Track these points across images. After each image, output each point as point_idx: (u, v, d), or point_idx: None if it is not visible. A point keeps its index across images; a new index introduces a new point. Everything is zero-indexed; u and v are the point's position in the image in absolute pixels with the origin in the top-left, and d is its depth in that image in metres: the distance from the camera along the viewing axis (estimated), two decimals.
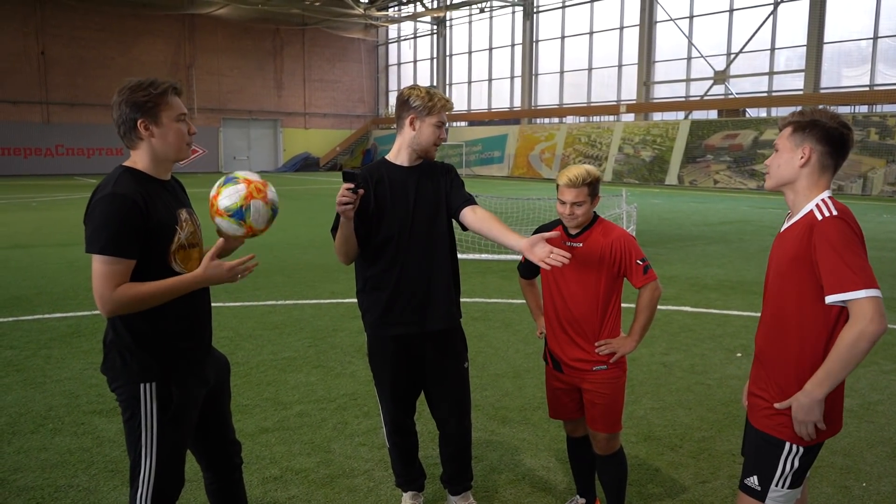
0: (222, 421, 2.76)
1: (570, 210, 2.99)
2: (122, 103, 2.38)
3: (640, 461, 3.97)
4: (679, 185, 31.48)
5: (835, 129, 2.27)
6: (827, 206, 2.22)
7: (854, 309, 2.11)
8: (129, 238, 2.31)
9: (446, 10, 42.34)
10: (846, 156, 2.31)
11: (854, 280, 2.09)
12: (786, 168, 2.32)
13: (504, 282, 9.06)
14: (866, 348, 2.10)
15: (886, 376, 5.44)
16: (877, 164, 26.16)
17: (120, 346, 2.42)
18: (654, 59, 34.91)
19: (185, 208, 2.54)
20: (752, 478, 2.38)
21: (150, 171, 2.45)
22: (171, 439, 2.47)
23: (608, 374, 3.06)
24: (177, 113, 2.45)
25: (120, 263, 2.31)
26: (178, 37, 42.86)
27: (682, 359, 5.87)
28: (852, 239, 2.15)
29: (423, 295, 3.08)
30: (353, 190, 2.85)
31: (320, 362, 5.73)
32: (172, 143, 2.45)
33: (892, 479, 3.78)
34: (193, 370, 2.55)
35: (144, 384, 2.41)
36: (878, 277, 8.75)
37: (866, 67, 28.21)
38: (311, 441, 4.22)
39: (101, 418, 4.53)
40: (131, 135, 2.42)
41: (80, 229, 2.54)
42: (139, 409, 2.41)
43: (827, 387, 2.17)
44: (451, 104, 3.05)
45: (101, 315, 2.38)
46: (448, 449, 3.28)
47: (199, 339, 2.59)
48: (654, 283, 3.03)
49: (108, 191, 2.33)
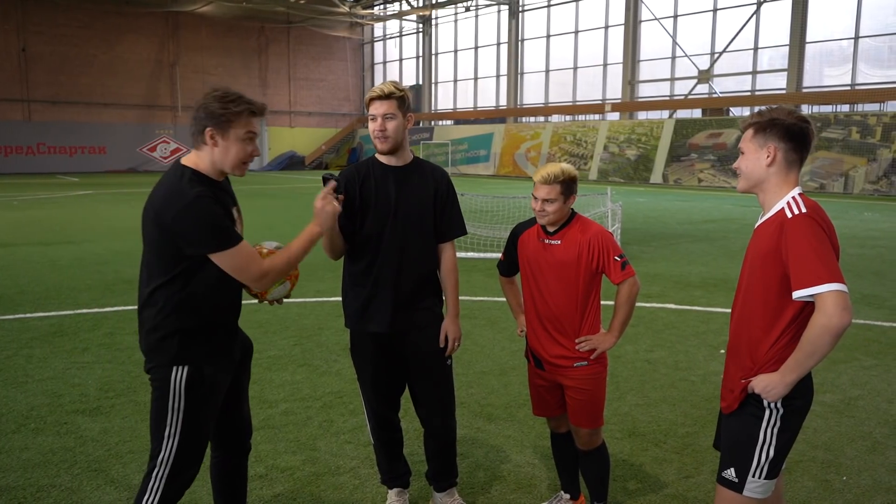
0: (239, 400, 2.85)
1: (540, 206, 3.02)
2: (201, 107, 2.51)
3: (625, 457, 4.00)
4: (664, 183, 31.67)
5: (794, 125, 2.35)
6: (797, 204, 2.29)
7: (819, 303, 2.17)
8: (230, 226, 2.50)
9: (432, 8, 42.32)
10: (809, 148, 2.39)
11: (819, 275, 2.16)
12: (754, 168, 2.39)
13: (489, 280, 9.08)
14: (831, 341, 2.16)
15: (867, 371, 5.51)
16: (858, 163, 26.44)
17: (160, 330, 2.53)
18: (639, 58, 35.08)
19: (235, 207, 2.68)
20: (730, 470, 2.43)
21: (209, 173, 2.57)
22: (195, 423, 2.56)
23: (589, 370, 3.08)
24: (246, 131, 2.55)
25: (242, 248, 2.48)
26: (162, 34, 42.53)
27: (667, 356, 5.91)
28: (820, 236, 2.22)
29: (400, 294, 3.09)
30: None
31: (305, 361, 5.72)
32: (231, 158, 2.56)
33: (871, 472, 3.83)
34: (224, 354, 2.66)
35: (177, 367, 2.52)
36: (860, 274, 8.87)
37: (848, 67, 28.50)
38: (297, 439, 4.21)
39: (84, 418, 4.50)
40: (198, 137, 2.54)
41: (62, 228, 2.56)
42: (168, 391, 2.52)
43: (796, 375, 2.26)
44: (380, 94, 2.98)
45: (258, 289, 2.66)
46: (433, 445, 3.29)
47: (232, 322, 2.71)
48: (633, 279, 3.05)
49: (191, 197, 2.43)
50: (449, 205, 3.19)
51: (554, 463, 3.50)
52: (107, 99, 41.16)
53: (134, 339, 6.26)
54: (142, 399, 4.80)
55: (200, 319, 2.55)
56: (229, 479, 2.91)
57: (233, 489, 2.93)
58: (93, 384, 5.11)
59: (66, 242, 12.31)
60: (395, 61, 49.38)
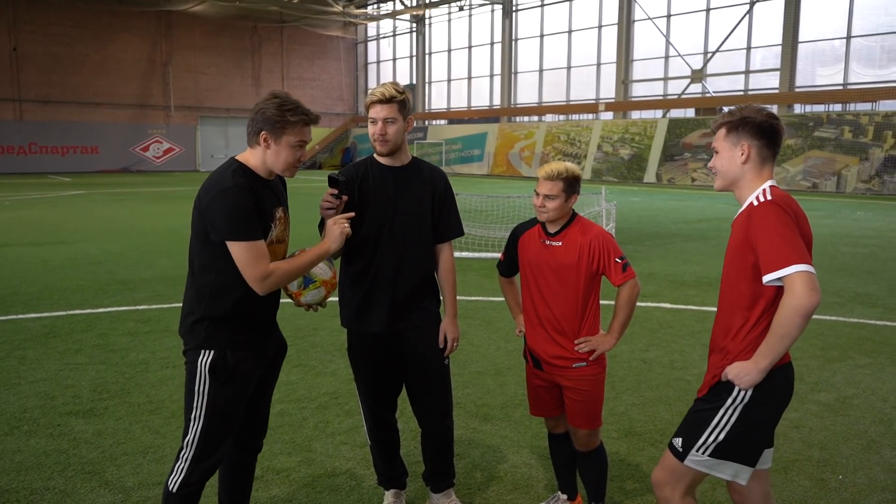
0: (263, 397, 2.90)
1: (541, 202, 3.02)
2: (260, 110, 2.61)
3: (621, 457, 4.00)
4: (657, 182, 31.74)
5: (765, 122, 2.40)
6: (764, 194, 2.36)
7: (788, 284, 2.20)
8: (254, 222, 2.54)
9: (425, 7, 42.29)
10: (780, 143, 2.45)
11: (786, 256, 2.19)
12: (730, 167, 2.44)
13: (484, 279, 9.07)
14: (801, 322, 2.19)
15: (861, 370, 5.52)
16: (850, 162, 26.56)
17: (194, 315, 2.64)
18: (633, 57, 35.15)
19: (281, 206, 2.74)
20: (678, 439, 2.49)
21: (258, 170, 2.66)
22: (220, 409, 2.62)
23: (588, 371, 3.07)
24: (298, 139, 2.63)
25: (256, 245, 2.52)
26: (155, 34, 42.38)
27: (662, 355, 5.92)
28: (785, 220, 2.25)
29: (397, 294, 3.08)
30: (337, 195, 2.86)
31: (301, 361, 5.70)
32: (282, 162, 2.64)
33: (867, 471, 3.83)
34: (254, 345, 2.70)
35: (204, 351, 2.61)
36: (853, 273, 8.89)
37: (840, 66, 28.63)
38: (292, 440, 4.19)
39: (78, 419, 4.46)
40: (253, 138, 2.64)
41: (53, 228, 2.56)
42: (195, 375, 2.62)
43: (770, 359, 2.28)
44: (380, 97, 2.95)
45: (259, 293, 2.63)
46: (430, 446, 3.27)
47: (264, 316, 2.74)
48: (633, 281, 3.05)
49: (229, 184, 2.53)
50: (447, 205, 3.19)
51: (551, 463, 3.50)
52: (99, 98, 40.99)
53: (127, 340, 6.24)
54: (135, 400, 4.77)
55: (232, 309, 2.62)
56: (237, 476, 2.94)
57: (239, 487, 2.96)
58: (86, 385, 5.08)
59: (59, 243, 12.24)
60: (388, 61, 49.34)
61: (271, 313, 2.80)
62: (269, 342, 2.80)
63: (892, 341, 6.33)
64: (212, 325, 2.62)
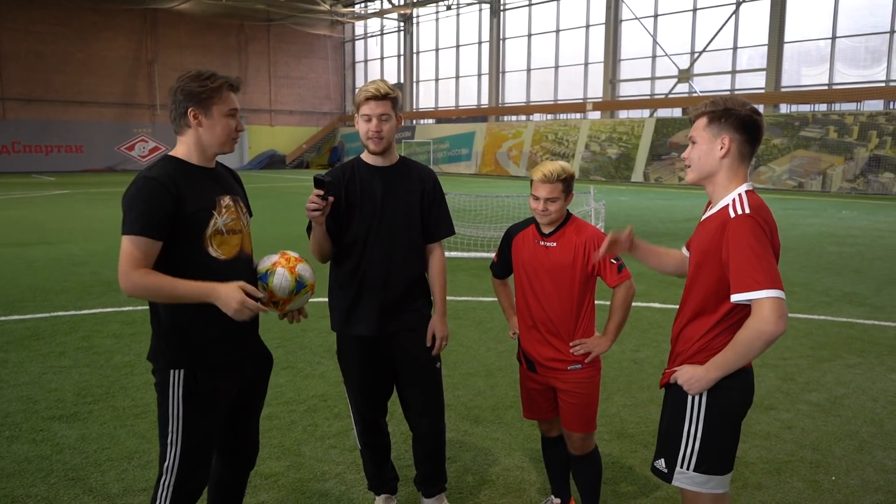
0: (251, 415, 2.76)
1: (543, 206, 2.96)
2: (177, 90, 2.44)
3: (614, 459, 3.96)
4: (645, 182, 31.84)
5: (748, 117, 2.29)
6: (741, 203, 2.23)
7: (755, 308, 2.14)
8: (155, 219, 2.33)
9: (413, 6, 42.20)
10: (760, 142, 2.34)
11: (758, 280, 2.12)
12: (706, 159, 2.32)
13: (474, 279, 9.03)
14: (762, 346, 2.16)
15: (851, 370, 5.52)
16: (836, 162, 26.75)
17: (159, 332, 2.48)
18: (620, 57, 35.24)
19: (228, 195, 2.57)
20: (660, 461, 2.45)
21: (192, 158, 2.50)
22: (197, 429, 2.47)
23: (583, 374, 3.03)
24: (228, 108, 2.49)
25: (144, 243, 2.32)
26: (140, 32, 42.03)
27: (653, 355, 5.89)
28: (760, 238, 2.16)
29: (386, 297, 3.02)
30: (324, 196, 2.79)
31: (289, 363, 5.63)
32: (218, 135, 2.50)
33: (860, 472, 3.82)
34: (228, 361, 2.55)
35: (174, 370, 2.44)
36: (840, 273, 8.92)
37: (825, 67, 28.83)
38: (281, 444, 4.13)
39: (61, 424, 4.37)
40: (180, 121, 2.47)
41: (36, 229, 2.49)
42: (168, 396, 2.45)
43: (722, 372, 2.25)
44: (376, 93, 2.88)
45: (123, 293, 2.44)
46: (421, 450, 3.22)
47: (238, 331, 2.56)
48: (629, 282, 3.01)
49: (142, 174, 2.40)
50: (436, 204, 3.13)
51: (544, 466, 3.46)
52: (83, 97, 40.60)
53: (112, 343, 6.14)
54: (120, 404, 4.69)
55: (197, 321, 2.44)
56: (227, 493, 2.82)
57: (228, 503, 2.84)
58: (70, 389, 4.98)
59: (42, 243, 12.08)
60: (376, 60, 49.21)
61: (247, 325, 2.58)
62: (246, 356, 2.63)
63: (880, 341, 6.35)
64: (177, 341, 2.45)
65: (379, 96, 2.87)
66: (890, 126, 25.81)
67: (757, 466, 3.88)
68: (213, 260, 2.46)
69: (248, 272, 2.60)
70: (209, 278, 2.40)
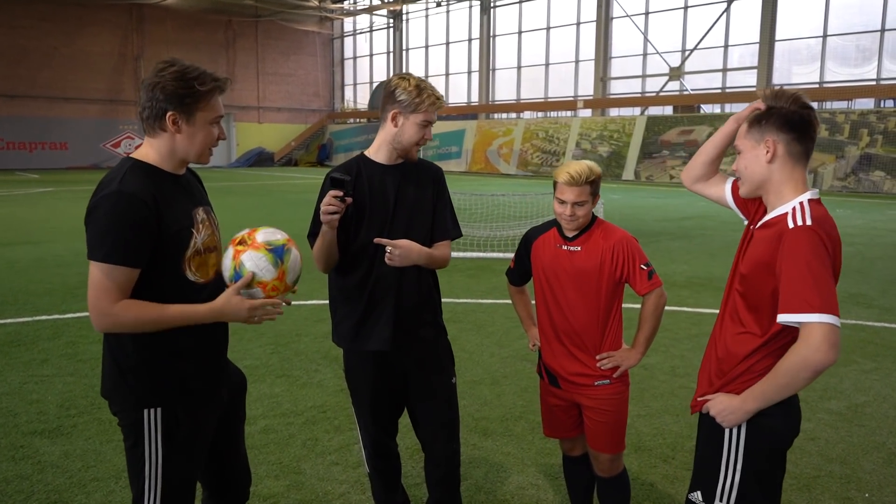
0: (234, 445, 2.46)
1: (570, 210, 2.72)
2: (156, 86, 2.09)
3: (633, 475, 3.74)
4: (636, 180, 31.71)
5: (793, 113, 2.06)
6: (803, 213, 2.01)
7: (804, 333, 1.91)
8: (135, 244, 2.02)
9: (402, 3, 41.90)
10: (814, 137, 2.09)
11: (812, 302, 1.89)
12: (754, 167, 2.10)
13: (471, 280, 8.80)
14: (809, 377, 1.93)
15: (868, 376, 5.34)
16: (826, 160, 26.72)
17: (121, 365, 2.13)
18: (611, 55, 35.10)
19: (201, 206, 2.24)
20: (696, 493, 2.21)
21: (164, 165, 2.17)
22: (178, 472, 2.18)
23: (611, 390, 2.80)
24: (214, 115, 2.18)
25: (123, 273, 2.02)
26: (126, 27, 41.45)
27: (662, 360, 5.68)
28: (821, 256, 1.94)
29: (401, 306, 2.75)
30: (342, 198, 2.53)
31: (284, 371, 5.37)
32: (198, 145, 2.17)
33: (893, 487, 3.62)
34: (206, 391, 2.24)
35: (148, 410, 2.13)
36: (843, 273, 8.71)
37: (816, 65, 28.82)
38: (279, 461, 3.87)
39: (43, 440, 4.10)
40: (155, 123, 2.13)
41: (19, 228, 2.19)
42: (143, 438, 2.13)
43: (759, 405, 2.04)
44: (442, 101, 2.72)
45: (95, 329, 2.08)
46: (435, 473, 2.96)
47: (213, 355, 2.28)
48: (660, 290, 2.79)
49: (113, 188, 2.03)
50: (443, 203, 2.86)
51: (561, 483, 3.24)
52: (68, 93, 39.97)
53: (98, 349, 5.84)
54: (107, 417, 4.41)
55: (170, 349, 2.14)
56: None
57: None
58: (53, 401, 4.70)
59: (25, 243, 11.71)
60: (365, 56, 48.83)
61: (221, 349, 2.33)
62: (221, 381, 2.34)
63: (893, 344, 6.17)
64: (150, 376, 2.13)
65: (440, 105, 2.70)
66: (881, 124, 25.81)
67: (785, 483, 3.63)
68: (191, 285, 2.16)
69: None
70: None
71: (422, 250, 2.68)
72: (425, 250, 2.70)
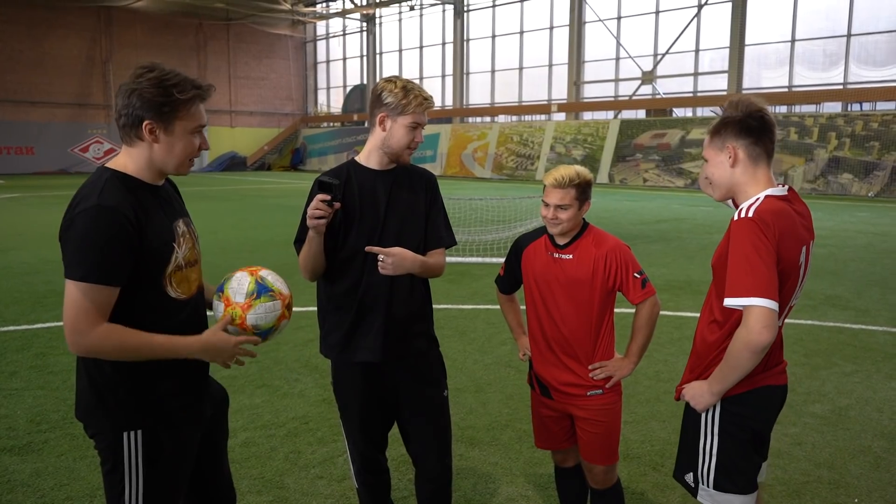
0: (217, 463, 2.35)
1: (553, 213, 2.68)
2: (133, 93, 1.98)
3: (624, 484, 3.64)
4: (610, 183, 31.92)
5: (744, 119, 2.22)
6: (749, 207, 2.16)
7: (744, 316, 2.08)
8: (116, 261, 1.92)
9: (376, 7, 41.73)
10: (772, 136, 2.25)
11: (745, 286, 2.05)
12: (720, 173, 2.28)
13: (451, 286, 8.72)
14: (750, 357, 2.08)
15: (849, 378, 5.37)
16: (796, 163, 27.13)
17: (97, 385, 2.02)
18: (584, 59, 35.31)
19: (181, 218, 2.14)
20: (689, 474, 2.36)
21: (142, 175, 2.07)
22: (161, 496, 2.07)
23: (604, 400, 2.75)
24: (194, 124, 2.06)
25: (103, 292, 1.92)
26: (94, 30, 40.73)
27: (645, 365, 5.66)
28: (758, 244, 2.08)
29: (392, 316, 2.67)
30: (329, 202, 2.45)
31: (264, 381, 5.25)
32: (177, 155, 2.06)
33: (881, 492, 3.62)
34: (188, 411, 2.14)
35: (128, 432, 2.03)
36: (817, 276, 8.76)
37: (785, 69, 29.28)
38: (261, 475, 3.76)
39: (13, 457, 3.93)
40: (131, 132, 2.02)
41: None
42: (122, 462, 2.03)
43: (722, 386, 2.19)
44: (431, 102, 2.66)
45: (70, 350, 1.98)
46: (426, 488, 2.87)
47: (195, 372, 2.17)
48: (654, 298, 2.75)
49: (92, 202, 1.92)
50: (436, 209, 2.80)
51: (552, 496, 3.18)
52: (34, 97, 39.14)
53: (68, 361, 5.66)
54: (79, 432, 4.25)
55: (154, 373, 2.04)
56: None
57: None
58: (22, 415, 4.53)
59: None
60: (338, 60, 48.57)
61: (203, 367, 2.22)
62: (203, 398, 2.24)
63: (872, 346, 6.23)
64: (129, 397, 2.02)
65: (428, 105, 2.65)
66: (848, 128, 26.28)
67: (775, 489, 3.65)
68: (172, 302, 2.06)
69: (203, 309, 2.24)
70: (166, 323, 2.03)
71: (415, 258, 2.60)
72: (419, 258, 2.62)
